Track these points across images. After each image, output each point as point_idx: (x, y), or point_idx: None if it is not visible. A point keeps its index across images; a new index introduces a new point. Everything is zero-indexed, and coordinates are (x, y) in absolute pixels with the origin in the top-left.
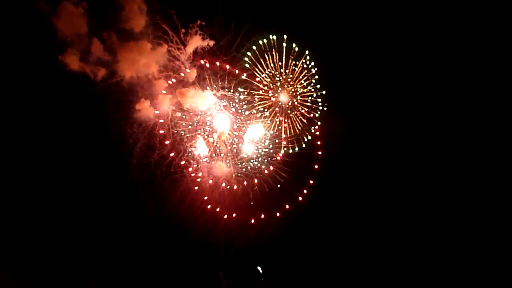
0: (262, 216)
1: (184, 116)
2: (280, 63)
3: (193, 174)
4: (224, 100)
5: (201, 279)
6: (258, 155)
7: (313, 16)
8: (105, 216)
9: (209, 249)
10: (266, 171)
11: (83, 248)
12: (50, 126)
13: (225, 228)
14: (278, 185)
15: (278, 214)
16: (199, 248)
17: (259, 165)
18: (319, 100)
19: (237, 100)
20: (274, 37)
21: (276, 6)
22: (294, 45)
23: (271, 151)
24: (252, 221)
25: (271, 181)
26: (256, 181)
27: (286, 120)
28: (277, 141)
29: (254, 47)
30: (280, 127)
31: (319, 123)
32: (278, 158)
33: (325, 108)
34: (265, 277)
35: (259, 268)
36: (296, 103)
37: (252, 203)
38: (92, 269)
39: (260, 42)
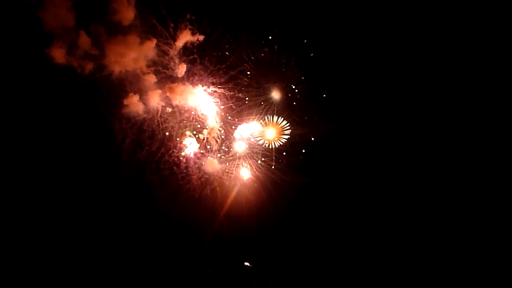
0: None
1: (174, 112)
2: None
3: (183, 171)
4: (214, 96)
5: (189, 277)
6: (252, 153)
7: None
8: (92, 215)
9: (197, 246)
10: (260, 168)
11: (68, 249)
12: (36, 122)
13: (215, 225)
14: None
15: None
16: (187, 246)
17: (252, 162)
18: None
19: (227, 96)
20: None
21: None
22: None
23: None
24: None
25: (264, 178)
26: (248, 178)
27: (279, 119)
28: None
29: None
30: (274, 126)
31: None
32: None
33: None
34: (256, 273)
35: (247, 264)
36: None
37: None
38: (78, 269)
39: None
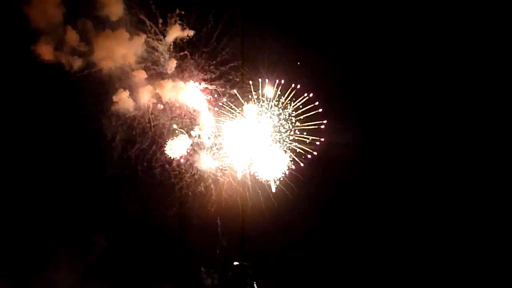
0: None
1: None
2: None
3: (176, 169)
4: (206, 92)
5: (181, 276)
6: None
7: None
8: (83, 214)
9: (190, 245)
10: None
11: (57, 245)
12: (24, 120)
13: (208, 223)
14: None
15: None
16: (181, 244)
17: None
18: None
19: (220, 93)
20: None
21: None
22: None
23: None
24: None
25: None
26: (242, 174)
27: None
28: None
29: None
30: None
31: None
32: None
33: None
34: (253, 273)
35: (239, 263)
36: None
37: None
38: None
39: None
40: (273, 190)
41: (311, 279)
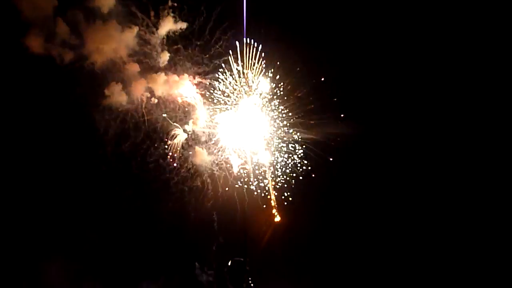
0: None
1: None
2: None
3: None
4: (200, 86)
5: (175, 271)
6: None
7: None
8: (75, 210)
9: (185, 240)
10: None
11: (48, 241)
12: (13, 115)
13: (205, 218)
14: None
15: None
16: (176, 239)
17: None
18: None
19: (214, 86)
20: None
21: None
22: None
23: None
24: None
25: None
26: (239, 169)
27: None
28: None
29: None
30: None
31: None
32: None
33: None
34: (249, 269)
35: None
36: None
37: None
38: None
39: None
40: (277, 219)
41: (310, 277)
